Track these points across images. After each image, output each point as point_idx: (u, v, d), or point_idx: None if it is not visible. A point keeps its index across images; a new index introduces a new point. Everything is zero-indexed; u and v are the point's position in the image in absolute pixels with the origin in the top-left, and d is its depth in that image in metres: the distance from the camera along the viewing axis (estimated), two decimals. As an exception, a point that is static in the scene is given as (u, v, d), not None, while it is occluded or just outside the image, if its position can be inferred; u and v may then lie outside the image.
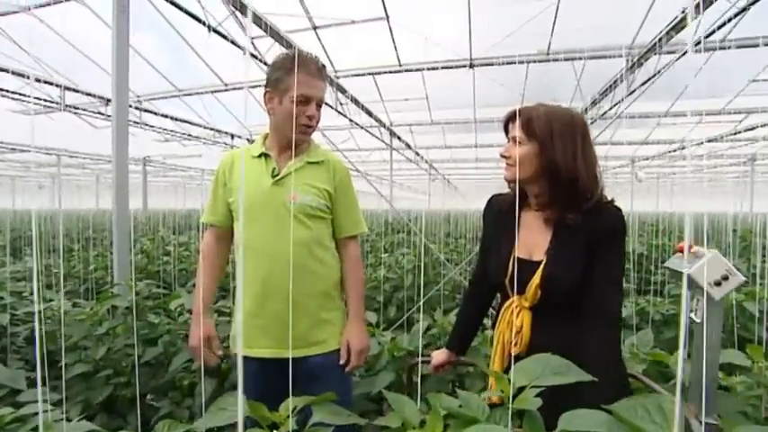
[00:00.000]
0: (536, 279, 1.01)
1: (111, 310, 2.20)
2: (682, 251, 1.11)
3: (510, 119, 1.08)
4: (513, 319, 1.05)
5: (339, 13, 4.51)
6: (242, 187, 1.33)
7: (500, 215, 1.16)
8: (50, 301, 2.47)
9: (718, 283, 1.01)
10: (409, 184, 20.36)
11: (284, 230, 1.26)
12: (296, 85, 1.23)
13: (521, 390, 0.66)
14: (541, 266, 1.01)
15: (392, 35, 4.70)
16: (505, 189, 1.20)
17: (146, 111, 6.45)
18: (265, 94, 1.30)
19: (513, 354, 1.03)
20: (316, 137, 1.43)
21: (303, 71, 1.24)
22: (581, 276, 0.98)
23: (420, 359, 1.33)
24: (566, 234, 1.02)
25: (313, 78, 1.26)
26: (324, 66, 1.31)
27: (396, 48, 4.94)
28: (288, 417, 0.73)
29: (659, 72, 4.05)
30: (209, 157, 8.74)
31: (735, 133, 7.22)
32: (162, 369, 1.99)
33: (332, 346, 1.32)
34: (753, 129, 6.92)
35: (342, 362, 1.32)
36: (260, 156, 1.32)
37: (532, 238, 1.07)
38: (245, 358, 1.30)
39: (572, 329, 0.98)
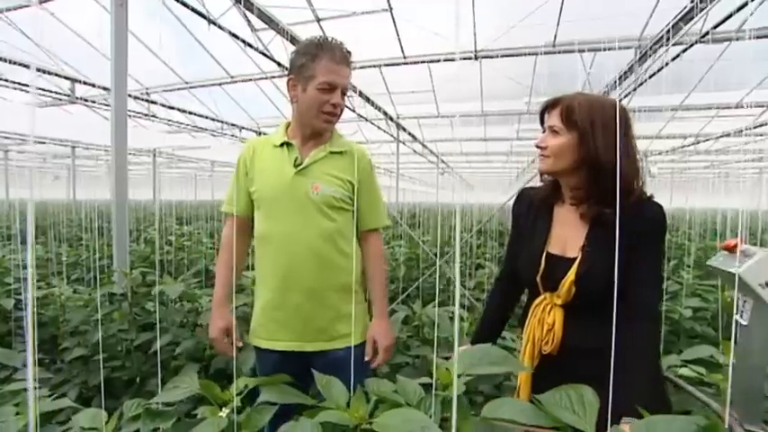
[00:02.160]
0: (570, 276, 0.97)
1: (109, 297, 2.28)
2: (728, 249, 1.05)
3: (547, 108, 1.03)
4: (545, 316, 1.02)
5: (342, 5, 4.50)
6: (263, 176, 1.29)
7: (531, 209, 1.11)
8: (53, 287, 2.55)
9: None
10: (419, 177, 20.30)
11: (306, 221, 1.23)
12: (322, 71, 1.20)
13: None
14: (576, 263, 0.98)
15: (396, 27, 4.67)
16: (513, 183, 1.15)
17: (153, 102, 6.55)
18: (288, 81, 1.27)
19: (544, 352, 1.01)
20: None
21: (328, 57, 1.21)
22: (618, 274, 0.93)
23: (444, 356, 1.31)
24: (602, 230, 0.96)
25: (339, 65, 1.22)
26: (349, 52, 1.27)
27: (399, 40, 4.91)
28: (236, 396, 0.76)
29: (667, 64, 3.94)
30: (217, 149, 8.84)
31: (753, 127, 7.00)
32: (155, 354, 2.06)
33: (354, 340, 1.29)
34: (769, 123, 6.69)
35: (367, 358, 1.29)
36: (282, 145, 1.30)
37: (566, 234, 1.03)
38: (265, 351, 1.30)
39: (606, 327, 0.91)
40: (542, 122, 1.05)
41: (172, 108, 6.67)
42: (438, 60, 5.09)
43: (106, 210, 8.65)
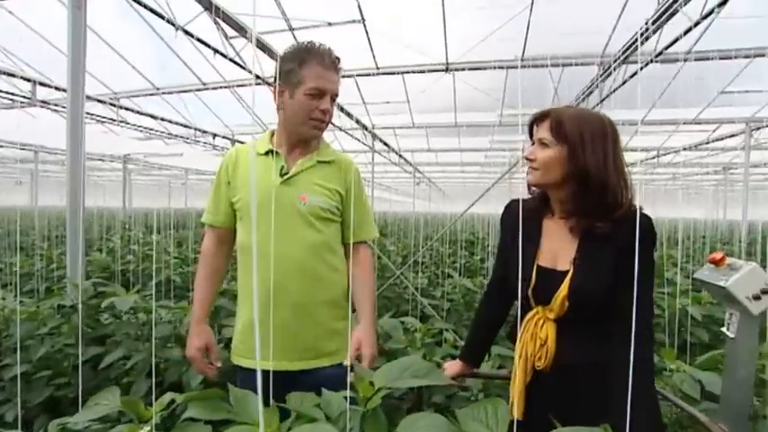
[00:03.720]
0: (563, 290, 0.96)
1: (57, 309, 2.17)
2: (714, 262, 1.06)
3: (536, 121, 1.04)
4: (538, 331, 1.00)
5: (315, 15, 4.52)
6: (251, 186, 1.25)
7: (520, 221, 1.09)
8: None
9: (756, 297, 0.97)
10: (395, 186, 20.42)
11: (293, 233, 1.19)
12: (311, 76, 1.17)
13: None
14: (569, 277, 0.97)
15: (368, 38, 4.73)
16: (488, 192, 1.13)
17: (122, 108, 6.37)
18: (275, 87, 1.23)
19: (537, 368, 0.99)
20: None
21: (317, 62, 1.17)
22: (610, 288, 0.94)
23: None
24: (593, 243, 0.96)
25: (327, 70, 1.19)
26: (338, 58, 1.23)
27: (372, 51, 4.97)
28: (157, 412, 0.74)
29: (625, 82, 4.13)
30: (191, 156, 8.65)
31: (707, 142, 7.38)
32: (105, 369, 1.97)
33: (342, 357, 1.25)
34: (722, 139, 7.08)
35: (347, 363, 1.22)
36: (267, 153, 1.25)
37: (556, 247, 1.02)
38: (247, 370, 1.24)
39: (600, 343, 0.94)
40: (531, 135, 1.06)
41: (140, 113, 6.49)
42: (410, 72, 5.17)
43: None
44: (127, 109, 6.37)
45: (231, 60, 3.93)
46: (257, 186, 1.23)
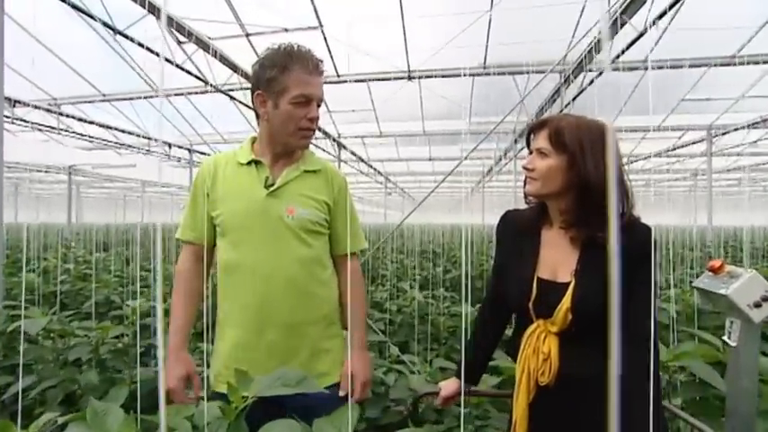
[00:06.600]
0: (566, 302, 0.94)
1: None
2: (713, 270, 1.06)
3: (533, 129, 1.02)
4: (540, 345, 0.97)
5: (271, 22, 4.37)
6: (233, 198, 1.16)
7: (518, 233, 1.08)
8: None
9: (757, 305, 0.97)
10: (369, 197, 20.33)
11: (282, 248, 1.14)
12: (296, 84, 1.11)
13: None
14: (571, 288, 0.95)
15: (327, 45, 4.62)
16: (463, 201, 1.08)
17: (65, 115, 5.93)
18: (256, 96, 1.16)
19: (540, 384, 0.97)
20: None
21: (300, 68, 1.11)
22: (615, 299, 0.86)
23: (428, 390, 1.28)
24: (595, 254, 0.94)
25: (312, 75, 1.14)
26: (321, 60, 1.18)
27: (332, 58, 4.87)
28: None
29: (584, 90, 4.21)
30: (145, 167, 8.20)
31: (673, 149, 7.66)
32: (15, 400, 1.72)
33: (334, 378, 1.19)
34: (687, 145, 7.35)
35: (342, 393, 1.15)
36: (249, 163, 1.18)
37: (556, 258, 1.00)
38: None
39: (603, 356, 0.90)
40: (528, 144, 1.04)
41: (87, 122, 6.07)
42: (372, 80, 5.10)
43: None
44: (68, 116, 5.93)
45: (178, 66, 3.71)
46: (241, 199, 1.16)
